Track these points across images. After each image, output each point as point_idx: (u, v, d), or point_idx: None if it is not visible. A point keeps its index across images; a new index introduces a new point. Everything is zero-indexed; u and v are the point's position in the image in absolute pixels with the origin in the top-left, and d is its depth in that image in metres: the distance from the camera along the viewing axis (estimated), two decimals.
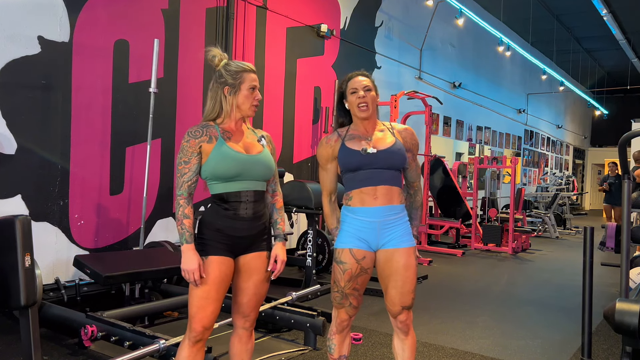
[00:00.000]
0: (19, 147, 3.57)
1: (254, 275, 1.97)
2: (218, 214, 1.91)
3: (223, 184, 1.89)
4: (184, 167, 1.89)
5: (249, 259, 1.95)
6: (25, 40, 3.60)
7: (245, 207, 1.91)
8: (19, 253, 2.45)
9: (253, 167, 1.92)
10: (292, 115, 6.12)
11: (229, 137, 1.94)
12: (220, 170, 1.88)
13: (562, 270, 6.31)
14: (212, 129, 1.94)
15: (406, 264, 2.02)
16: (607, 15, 9.91)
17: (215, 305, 1.88)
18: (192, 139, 1.89)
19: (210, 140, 1.90)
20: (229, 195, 1.90)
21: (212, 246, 1.88)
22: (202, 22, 4.92)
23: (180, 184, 1.90)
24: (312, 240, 4.51)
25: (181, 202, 1.89)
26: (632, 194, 4.55)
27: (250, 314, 2.01)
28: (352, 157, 2.02)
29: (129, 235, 4.28)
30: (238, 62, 1.97)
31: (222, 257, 1.88)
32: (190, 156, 1.89)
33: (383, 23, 7.72)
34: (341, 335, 2.15)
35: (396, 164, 2.06)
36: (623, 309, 2.07)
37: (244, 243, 1.93)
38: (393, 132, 2.13)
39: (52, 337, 3.15)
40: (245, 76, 1.93)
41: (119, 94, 4.19)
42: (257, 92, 1.97)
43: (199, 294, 1.85)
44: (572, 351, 3.31)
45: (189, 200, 1.90)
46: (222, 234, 1.89)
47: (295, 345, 3.15)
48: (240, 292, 1.98)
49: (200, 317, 1.86)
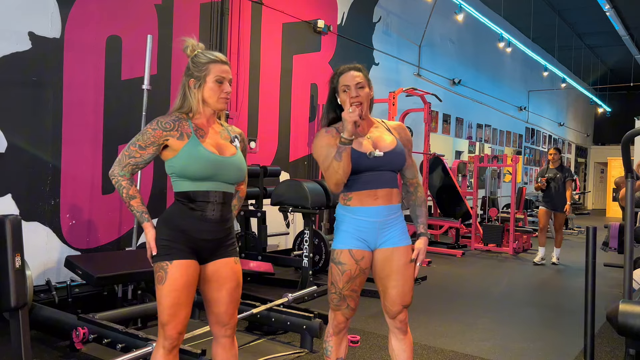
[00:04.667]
0: (9, 145, 3.52)
1: (226, 283, 1.89)
2: (183, 213, 1.81)
3: (191, 182, 1.80)
4: (137, 151, 1.81)
5: (217, 268, 1.87)
6: (16, 36, 3.55)
7: (213, 208, 1.82)
8: (9, 254, 2.41)
9: (226, 170, 1.84)
10: (288, 112, 6.06)
11: (202, 135, 1.85)
12: (191, 171, 1.78)
13: (564, 271, 6.25)
14: (185, 124, 1.84)
15: (406, 263, 1.99)
16: (610, 10, 9.82)
17: (187, 309, 1.82)
18: (159, 129, 1.80)
19: (182, 137, 1.81)
20: (196, 195, 1.81)
21: (177, 249, 1.79)
22: (196, 18, 4.86)
23: (125, 164, 1.81)
24: (309, 240, 4.46)
25: (123, 183, 1.82)
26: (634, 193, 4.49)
27: (230, 322, 1.94)
28: (358, 160, 1.93)
29: (122, 235, 4.23)
30: (208, 53, 1.87)
31: (188, 261, 1.79)
32: (149, 145, 1.80)
33: (381, 18, 7.65)
34: (338, 337, 2.11)
35: (398, 166, 2.02)
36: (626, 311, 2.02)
37: (209, 247, 1.84)
38: (389, 129, 2.07)
39: (43, 339, 3.12)
40: (211, 67, 1.83)
41: (111, 91, 4.14)
42: (225, 84, 1.84)
43: (169, 302, 1.78)
44: (574, 354, 3.27)
45: (132, 180, 1.84)
46: (186, 235, 1.80)
47: (291, 347, 3.11)
48: (214, 303, 1.90)
49: (175, 324, 1.80)
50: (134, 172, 1.83)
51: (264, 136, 5.73)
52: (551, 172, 6.39)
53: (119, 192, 1.82)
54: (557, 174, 6.33)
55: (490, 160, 8.82)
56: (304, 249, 4.47)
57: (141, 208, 1.81)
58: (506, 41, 9.93)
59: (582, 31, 13.13)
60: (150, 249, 1.81)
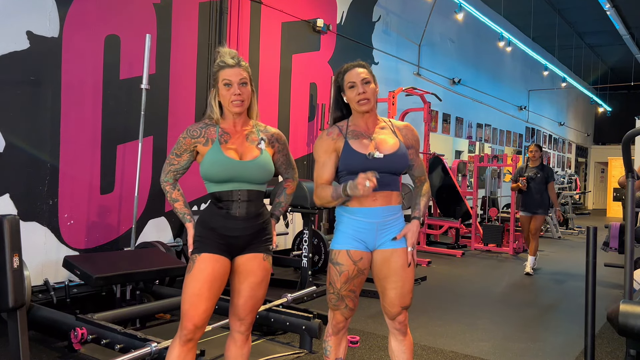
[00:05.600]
0: (7, 144, 3.51)
1: (249, 276, 1.94)
2: (212, 212, 1.92)
3: (215, 184, 1.91)
4: (175, 158, 1.96)
5: (244, 260, 1.93)
6: (14, 35, 3.53)
7: (238, 206, 1.90)
8: (7, 254, 2.40)
9: (246, 172, 1.91)
10: (288, 112, 6.04)
11: (227, 140, 1.92)
12: (211, 174, 1.89)
13: (564, 271, 6.24)
14: (212, 129, 1.94)
15: (405, 264, 1.97)
16: (610, 9, 9.80)
17: (208, 304, 1.85)
18: (188, 137, 1.93)
19: (207, 143, 1.91)
20: (221, 195, 1.91)
21: (206, 244, 1.88)
22: (195, 17, 4.84)
23: (167, 171, 1.97)
24: (308, 240, 4.44)
25: (167, 188, 1.98)
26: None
27: (246, 317, 1.97)
28: (357, 161, 1.94)
29: (120, 235, 4.22)
30: (221, 58, 1.92)
31: (215, 255, 1.87)
32: (183, 152, 1.94)
33: (381, 18, 7.63)
34: (337, 337, 2.10)
35: (398, 169, 2.00)
36: (627, 311, 2.01)
37: (239, 243, 1.91)
38: (394, 130, 2.05)
39: (41, 339, 3.11)
40: (220, 74, 1.90)
41: (109, 91, 4.12)
42: (234, 87, 1.88)
43: (191, 291, 1.84)
44: (574, 354, 3.25)
45: (174, 185, 1.98)
46: (215, 232, 1.89)
47: (290, 348, 3.10)
48: (235, 293, 1.96)
49: (192, 315, 1.84)
50: (176, 177, 1.98)
51: None
52: (530, 171, 5.72)
53: (165, 195, 1.99)
54: (537, 173, 5.66)
55: (490, 160, 8.81)
56: (303, 249, 4.46)
57: (184, 210, 1.95)
58: (506, 40, 9.91)
59: (582, 30, 13.11)
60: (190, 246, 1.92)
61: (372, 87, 1.98)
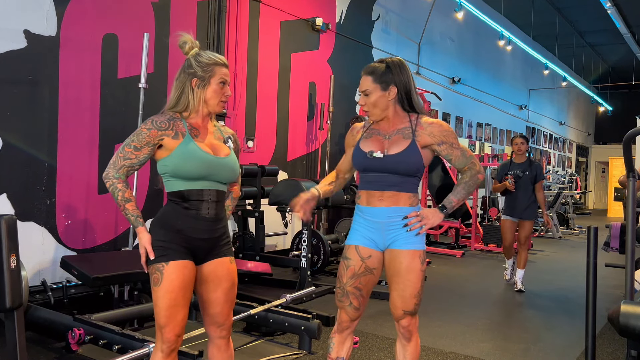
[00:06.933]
0: (4, 144, 3.49)
1: (222, 283, 1.87)
2: (178, 213, 1.79)
3: (184, 181, 1.79)
4: (132, 152, 1.77)
5: (212, 268, 1.85)
6: (11, 34, 3.51)
7: (208, 206, 1.81)
8: (4, 254, 2.40)
9: (219, 170, 1.83)
10: (286, 111, 6.02)
11: (197, 134, 1.83)
12: (184, 170, 1.77)
13: (565, 271, 6.22)
14: (180, 123, 1.83)
15: (408, 267, 1.95)
16: (611, 8, 9.77)
17: (184, 310, 1.80)
18: (154, 129, 1.77)
19: (177, 136, 1.79)
20: (190, 194, 1.79)
21: (173, 250, 1.77)
22: (193, 16, 4.82)
23: (120, 166, 1.78)
24: (307, 240, 4.42)
25: (119, 186, 1.77)
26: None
27: (225, 322, 1.92)
28: (359, 159, 2.00)
29: (118, 235, 4.20)
30: (210, 53, 1.87)
31: (184, 261, 1.77)
32: (145, 145, 1.77)
33: (380, 16, 7.61)
34: (341, 336, 2.09)
35: (404, 170, 1.94)
36: (628, 312, 1.99)
37: (205, 247, 1.83)
38: (415, 130, 1.96)
39: (38, 340, 3.10)
40: (216, 69, 1.83)
41: (107, 90, 4.10)
42: (227, 87, 1.86)
43: (167, 304, 1.75)
44: (575, 355, 3.24)
45: (127, 183, 1.80)
46: (182, 235, 1.78)
47: (289, 349, 3.09)
48: (209, 304, 1.88)
49: (172, 326, 1.77)
50: (129, 174, 1.80)
51: (261, 135, 5.69)
52: (516, 168, 4.89)
53: (112, 195, 1.79)
54: (524, 171, 4.83)
55: (491, 160, 8.78)
56: (302, 249, 4.44)
57: (136, 212, 1.79)
58: (506, 39, 9.89)
59: (583, 29, 13.08)
60: (144, 254, 1.79)
61: (372, 99, 1.95)
